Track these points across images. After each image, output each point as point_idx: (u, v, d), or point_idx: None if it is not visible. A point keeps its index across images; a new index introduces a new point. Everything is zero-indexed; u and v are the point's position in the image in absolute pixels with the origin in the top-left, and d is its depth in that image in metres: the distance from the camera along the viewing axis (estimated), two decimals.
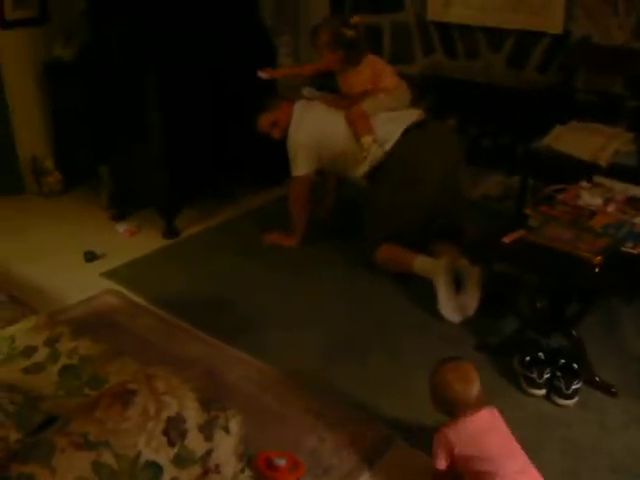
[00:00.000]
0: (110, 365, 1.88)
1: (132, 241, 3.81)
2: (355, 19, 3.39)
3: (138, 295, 3.26)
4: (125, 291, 3.30)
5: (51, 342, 1.99)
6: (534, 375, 2.53)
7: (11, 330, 2.07)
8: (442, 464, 2.01)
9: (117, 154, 3.97)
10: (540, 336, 2.74)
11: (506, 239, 2.63)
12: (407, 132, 3.30)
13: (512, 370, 2.66)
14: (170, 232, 3.82)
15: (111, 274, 3.44)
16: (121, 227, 3.89)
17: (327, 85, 3.67)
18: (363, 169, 3.37)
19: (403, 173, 3.24)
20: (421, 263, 3.19)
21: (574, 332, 2.61)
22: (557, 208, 2.82)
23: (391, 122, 3.35)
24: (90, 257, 3.58)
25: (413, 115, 3.38)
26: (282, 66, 4.01)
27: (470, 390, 2.00)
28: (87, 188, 4.37)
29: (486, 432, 1.98)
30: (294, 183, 3.54)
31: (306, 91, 3.62)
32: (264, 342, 2.89)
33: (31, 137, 4.33)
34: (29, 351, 1.96)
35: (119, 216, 4.02)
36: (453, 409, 2.02)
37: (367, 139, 3.29)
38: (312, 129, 3.40)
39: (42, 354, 1.95)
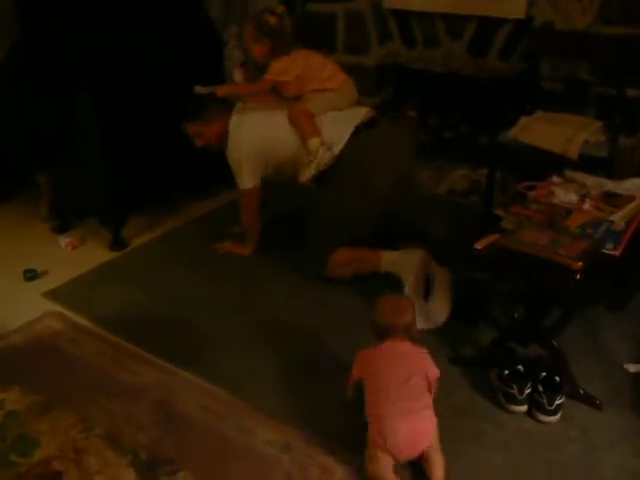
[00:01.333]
0: (40, 422, 1.64)
1: (76, 255, 3.53)
2: (280, 8, 3.25)
3: (82, 316, 3.00)
4: (68, 312, 3.03)
5: None
6: (514, 391, 2.34)
7: None
8: (354, 375, 2.26)
9: (54, 162, 3.67)
10: (518, 346, 2.56)
11: (478, 245, 2.44)
12: (357, 132, 3.10)
13: (490, 385, 2.48)
14: (117, 243, 3.56)
15: (53, 294, 3.17)
16: (63, 240, 3.61)
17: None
18: (309, 173, 3.15)
19: (354, 176, 3.02)
20: (390, 257, 3.05)
21: (554, 343, 2.43)
22: (530, 207, 2.65)
23: (339, 122, 3.14)
24: (30, 276, 3.30)
25: (361, 113, 3.17)
26: (226, 84, 3.65)
27: (397, 320, 2.26)
28: (25, 199, 4.05)
29: (383, 360, 2.21)
30: (242, 196, 3.31)
31: (196, 89, 3.29)
32: (219, 365, 2.66)
33: None
34: None
35: (61, 228, 3.74)
36: (382, 335, 2.28)
37: (314, 142, 3.07)
38: (252, 137, 3.17)
39: None
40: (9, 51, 3.71)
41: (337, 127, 3.12)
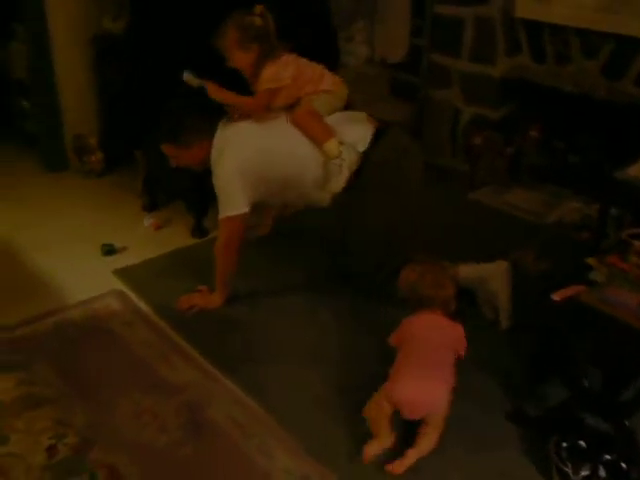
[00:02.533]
0: (19, 419, 1.54)
1: (157, 236, 3.50)
2: (259, 8, 2.78)
3: (145, 301, 2.95)
4: (132, 294, 3.00)
5: None
6: (568, 469, 2.04)
7: None
8: (391, 340, 2.34)
9: (151, 139, 3.65)
10: (590, 418, 2.24)
11: (556, 296, 2.15)
12: (379, 132, 2.79)
13: (545, 453, 2.18)
14: (198, 231, 3.49)
15: (123, 272, 3.15)
16: (147, 220, 3.59)
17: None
18: (341, 180, 2.72)
19: (387, 180, 2.74)
20: (469, 270, 2.80)
21: (627, 423, 2.09)
22: (630, 260, 2.30)
23: (351, 122, 2.81)
24: (108, 250, 3.30)
25: (364, 117, 2.86)
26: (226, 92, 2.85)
27: (439, 293, 2.31)
28: (128, 171, 4.07)
29: (420, 328, 2.29)
30: (225, 226, 2.77)
31: (185, 75, 2.86)
32: (262, 377, 2.52)
33: (77, 112, 4.08)
34: None
35: (150, 206, 3.73)
36: (419, 304, 2.33)
37: (332, 143, 2.68)
38: (245, 154, 2.70)
39: None
40: (128, 26, 3.75)
41: (352, 126, 2.79)
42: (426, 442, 2.13)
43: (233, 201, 2.70)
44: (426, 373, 2.17)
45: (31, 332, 2.73)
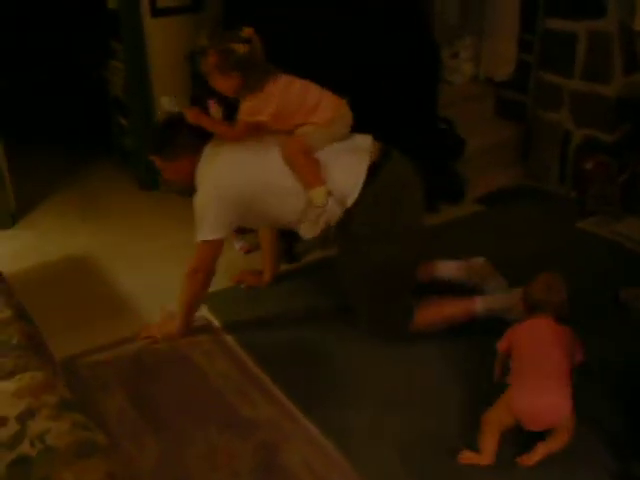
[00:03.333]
0: (69, 469, 1.45)
1: (247, 260, 3.41)
2: (247, 31, 2.48)
3: (226, 329, 2.86)
4: (215, 321, 2.91)
5: (26, 416, 1.61)
6: None
7: None
8: (501, 346, 2.36)
9: None
10: None
11: None
12: (374, 167, 2.55)
13: None
14: (289, 256, 3.37)
15: (209, 297, 3.04)
16: (238, 242, 3.50)
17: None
18: (315, 231, 2.58)
19: (376, 221, 2.56)
20: (487, 300, 2.71)
21: None
22: None
23: (347, 161, 2.56)
24: None
25: (368, 145, 2.60)
26: (213, 117, 2.63)
27: (551, 297, 2.34)
28: None
29: (534, 334, 2.30)
30: (198, 250, 2.63)
31: (165, 101, 2.75)
32: (343, 417, 2.37)
33: None
34: None
35: (241, 229, 3.62)
36: (532, 309, 2.37)
37: (318, 192, 2.47)
38: (224, 182, 2.54)
39: (7, 432, 1.57)
40: None
41: (347, 169, 2.55)
42: (556, 441, 2.12)
43: (208, 225, 2.56)
44: (547, 383, 2.16)
45: (112, 356, 2.71)
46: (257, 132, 2.58)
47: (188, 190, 3.62)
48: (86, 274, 3.33)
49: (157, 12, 3.81)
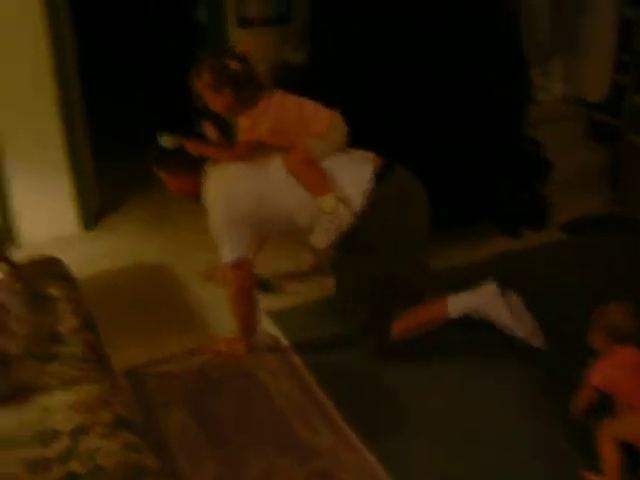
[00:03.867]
0: None
1: (318, 276, 3.33)
2: (240, 49, 2.59)
3: (297, 349, 2.80)
4: (284, 339, 2.86)
5: (78, 432, 1.59)
6: None
7: (47, 401, 1.71)
8: (596, 381, 2.22)
9: None
10: None
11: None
12: (378, 177, 2.55)
13: None
14: None
15: (277, 315, 2.99)
16: (311, 257, 3.44)
17: None
18: (329, 238, 2.55)
19: (380, 236, 2.55)
20: (457, 300, 2.64)
21: None
22: None
23: (351, 169, 2.57)
24: (263, 285, 3.15)
25: (369, 157, 2.61)
26: (210, 143, 2.66)
27: (633, 324, 2.26)
28: None
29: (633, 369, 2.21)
30: (231, 273, 2.61)
31: (164, 140, 2.68)
32: (407, 451, 2.27)
33: None
34: (49, 438, 1.58)
35: None
36: (616, 341, 2.25)
37: (329, 199, 2.49)
38: (235, 203, 2.55)
39: (59, 447, 1.56)
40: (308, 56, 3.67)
41: (353, 176, 2.55)
42: None
43: (228, 248, 2.56)
44: None
45: (177, 368, 2.69)
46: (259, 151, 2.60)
47: None
48: (158, 281, 3.34)
49: (244, 22, 3.81)
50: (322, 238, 2.58)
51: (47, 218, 3.60)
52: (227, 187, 2.59)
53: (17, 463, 1.52)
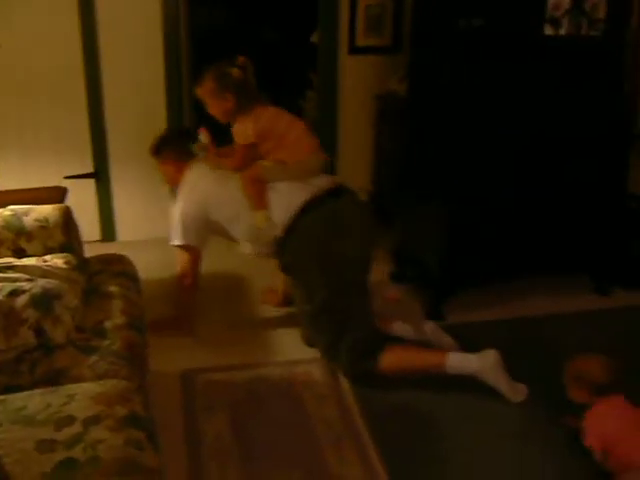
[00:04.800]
0: None
1: (391, 308, 3.30)
2: (241, 59, 2.81)
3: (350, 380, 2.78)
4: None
5: (91, 422, 1.66)
6: None
7: (75, 389, 1.80)
8: (594, 443, 2.24)
9: (409, 204, 3.51)
10: None
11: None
12: (312, 204, 2.73)
13: None
14: (434, 314, 3.23)
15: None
16: (389, 290, 3.43)
17: None
18: (252, 250, 2.88)
19: (307, 250, 2.72)
20: (461, 360, 2.63)
21: None
22: None
23: (290, 196, 2.76)
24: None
25: (322, 184, 2.81)
26: (201, 142, 3.00)
27: (615, 378, 2.31)
28: (392, 234, 3.93)
29: (622, 422, 2.26)
30: (178, 255, 2.99)
31: (202, 137, 2.99)
32: None
33: (351, 166, 4.12)
34: (64, 423, 1.67)
35: (398, 276, 3.56)
36: (598, 393, 2.30)
37: (260, 216, 2.76)
38: (195, 197, 2.87)
39: (69, 432, 1.63)
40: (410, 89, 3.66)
41: (285, 202, 2.75)
42: None
43: (178, 233, 2.88)
44: None
45: (228, 378, 2.76)
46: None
47: None
48: (233, 291, 3.43)
49: (354, 50, 3.88)
50: (248, 246, 2.89)
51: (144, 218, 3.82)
52: (192, 184, 2.90)
53: (30, 440, 1.61)
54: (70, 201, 3.28)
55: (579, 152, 3.25)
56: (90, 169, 3.84)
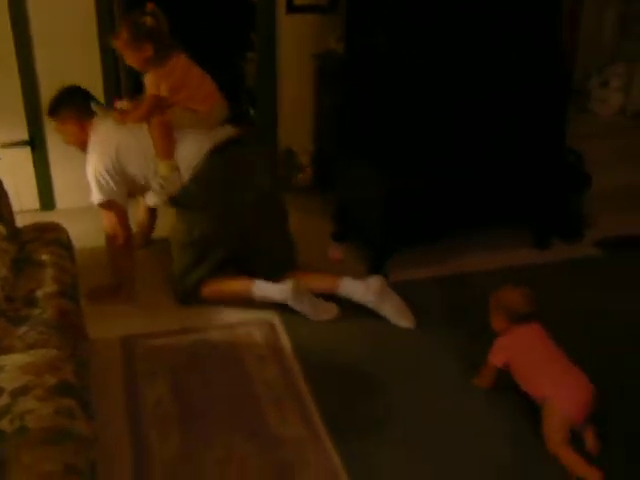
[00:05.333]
0: (30, 453, 1.47)
1: (335, 269, 3.30)
2: (150, 6, 2.78)
3: (289, 338, 2.81)
4: (280, 328, 2.87)
5: (19, 393, 1.65)
6: None
7: (4, 360, 1.78)
8: (498, 360, 2.43)
9: (347, 164, 3.51)
10: None
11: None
12: (214, 151, 2.83)
13: None
14: (375, 270, 3.26)
15: (285, 305, 3.01)
16: (332, 249, 3.44)
17: None
18: (158, 199, 2.94)
19: (209, 198, 2.84)
20: (266, 288, 2.87)
21: None
22: None
23: (197, 143, 2.84)
24: None
25: (223, 133, 2.91)
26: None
27: (533, 307, 2.44)
28: (333, 194, 3.93)
29: (531, 339, 2.41)
30: (104, 215, 2.97)
31: (121, 104, 2.98)
32: (377, 455, 2.24)
33: (292, 126, 4.08)
34: None
35: (339, 236, 3.58)
36: (518, 320, 2.43)
37: (166, 165, 2.80)
38: (108, 151, 2.84)
39: None
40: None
41: (193, 149, 2.82)
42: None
43: (95, 190, 2.88)
44: (569, 367, 2.32)
45: (168, 344, 2.75)
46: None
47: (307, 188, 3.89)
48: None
49: (292, 9, 3.83)
50: (153, 197, 2.95)
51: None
52: (101, 138, 2.89)
53: None
54: (5, 169, 3.23)
55: (518, 107, 3.26)
56: (25, 136, 3.73)
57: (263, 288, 2.88)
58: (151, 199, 2.99)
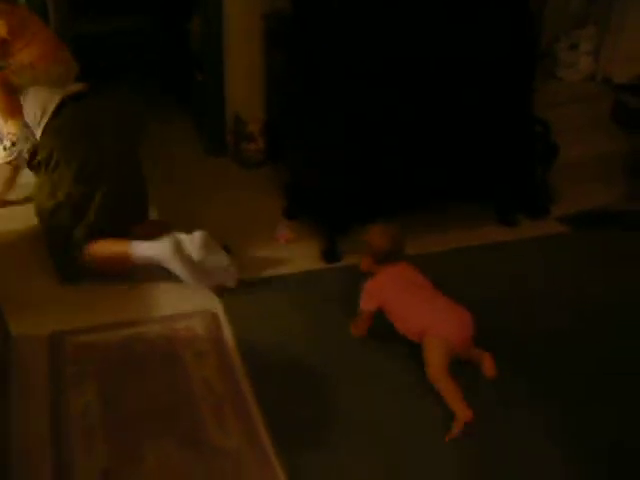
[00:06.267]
0: None
1: (282, 251, 3.08)
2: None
3: (235, 331, 2.57)
4: (223, 318, 2.64)
5: None
6: None
7: None
8: (370, 305, 2.41)
9: (298, 136, 3.25)
10: None
11: None
12: (64, 105, 2.82)
13: None
14: (329, 254, 3.03)
15: (230, 291, 2.77)
16: (280, 229, 3.18)
17: None
18: (5, 157, 2.93)
19: (62, 149, 2.76)
20: (143, 248, 2.71)
21: None
22: None
23: (43, 99, 2.82)
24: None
25: (69, 88, 2.89)
26: None
27: (400, 246, 2.45)
28: (284, 167, 3.67)
29: (399, 281, 2.42)
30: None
31: None
32: (317, 467, 2.03)
33: (241, 93, 3.80)
34: None
35: (290, 214, 3.33)
36: (385, 260, 2.42)
37: (13, 124, 2.84)
38: None
39: None
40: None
41: (41, 105, 2.80)
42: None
43: None
44: (443, 303, 2.36)
45: (101, 340, 2.51)
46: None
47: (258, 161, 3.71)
48: None
49: None
50: (2, 155, 2.93)
51: None
52: None
53: None
54: None
55: (480, 72, 3.01)
56: None
57: (142, 248, 2.73)
58: (1, 158, 2.96)
